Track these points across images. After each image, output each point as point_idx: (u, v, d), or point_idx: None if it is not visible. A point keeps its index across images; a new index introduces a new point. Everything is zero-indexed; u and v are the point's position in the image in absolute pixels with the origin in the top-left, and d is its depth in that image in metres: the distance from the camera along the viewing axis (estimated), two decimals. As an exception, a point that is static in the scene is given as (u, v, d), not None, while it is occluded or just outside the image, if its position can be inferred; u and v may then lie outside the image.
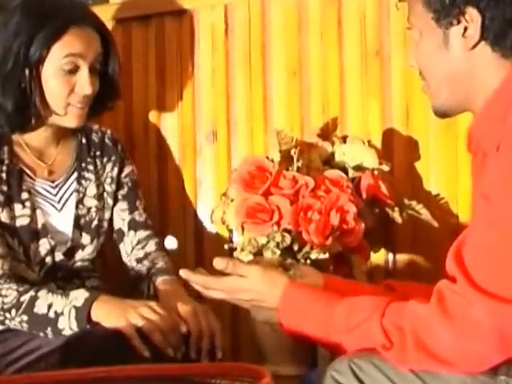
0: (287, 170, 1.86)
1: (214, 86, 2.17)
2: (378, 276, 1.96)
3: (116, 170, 1.91)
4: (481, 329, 1.17)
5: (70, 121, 1.79)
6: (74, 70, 1.75)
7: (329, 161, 1.93)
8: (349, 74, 2.04)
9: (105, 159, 1.91)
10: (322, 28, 2.06)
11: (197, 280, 1.45)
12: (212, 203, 2.12)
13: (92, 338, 1.55)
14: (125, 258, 1.92)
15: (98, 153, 1.90)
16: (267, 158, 1.90)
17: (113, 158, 1.92)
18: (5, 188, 1.76)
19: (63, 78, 1.75)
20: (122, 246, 1.92)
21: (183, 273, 1.45)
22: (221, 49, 2.16)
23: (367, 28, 2.02)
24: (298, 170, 1.86)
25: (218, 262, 1.43)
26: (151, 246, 1.91)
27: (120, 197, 1.92)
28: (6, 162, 1.78)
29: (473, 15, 1.30)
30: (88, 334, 1.57)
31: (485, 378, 1.22)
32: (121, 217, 1.91)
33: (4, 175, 1.76)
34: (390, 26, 2.00)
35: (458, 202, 1.95)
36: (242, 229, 1.84)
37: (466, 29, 1.31)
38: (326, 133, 2.01)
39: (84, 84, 1.76)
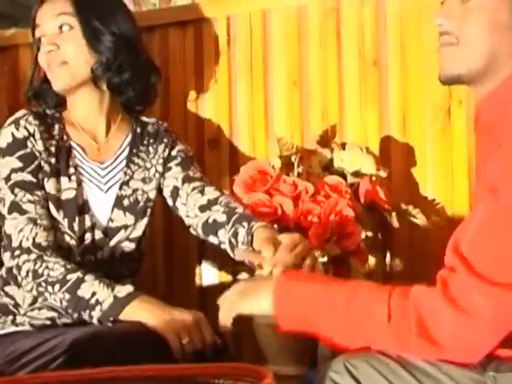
0: (288, 175, 1.87)
1: (216, 94, 2.18)
2: (376, 278, 1.97)
3: (167, 151, 1.86)
4: (481, 313, 1.18)
5: (52, 82, 1.78)
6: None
7: (328, 167, 1.94)
8: (347, 83, 2.06)
9: (157, 142, 1.86)
10: (322, 38, 2.09)
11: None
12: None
13: (104, 340, 1.53)
14: (182, 212, 1.82)
15: (151, 140, 1.86)
16: (269, 164, 1.91)
17: (165, 141, 1.86)
18: (53, 161, 1.74)
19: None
20: (178, 203, 1.83)
21: None
22: (224, 59, 2.17)
23: (365, 38, 2.05)
24: (299, 175, 1.87)
25: None
26: (211, 192, 1.80)
27: (172, 165, 1.85)
28: (57, 137, 1.76)
29: None
30: (99, 335, 1.55)
31: (472, 374, 1.23)
32: (174, 176, 1.84)
33: (53, 149, 1.75)
34: (387, 36, 2.02)
35: (454, 207, 1.96)
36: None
37: None
38: (326, 140, 2.01)
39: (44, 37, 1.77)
